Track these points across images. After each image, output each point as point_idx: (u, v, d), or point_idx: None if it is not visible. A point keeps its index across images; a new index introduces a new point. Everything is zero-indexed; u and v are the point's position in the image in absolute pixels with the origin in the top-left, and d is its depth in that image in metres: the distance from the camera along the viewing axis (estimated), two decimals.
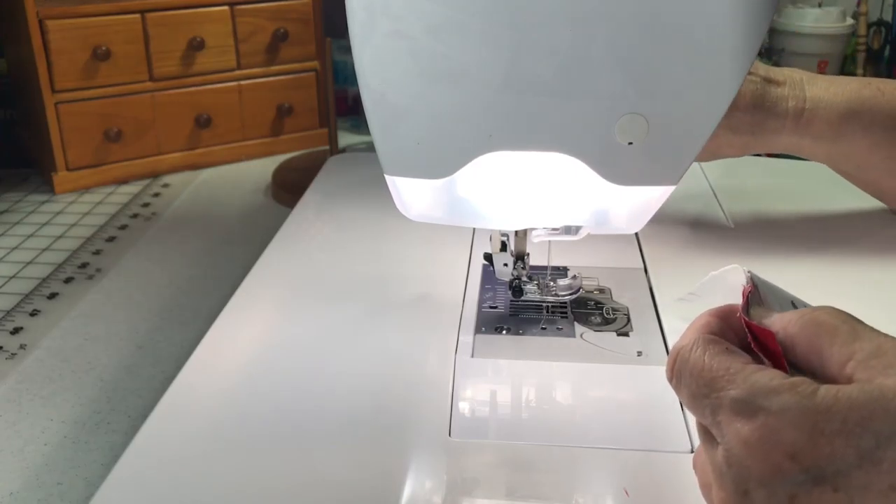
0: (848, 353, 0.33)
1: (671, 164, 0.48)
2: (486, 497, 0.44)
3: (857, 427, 0.31)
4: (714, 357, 0.36)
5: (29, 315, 1.08)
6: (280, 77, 1.72)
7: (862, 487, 0.31)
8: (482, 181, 0.50)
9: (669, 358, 0.38)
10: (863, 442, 0.31)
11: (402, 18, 0.44)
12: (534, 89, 0.45)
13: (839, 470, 0.31)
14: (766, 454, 0.32)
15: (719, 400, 0.34)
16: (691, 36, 0.43)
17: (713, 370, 0.35)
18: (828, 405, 0.32)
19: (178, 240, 1.32)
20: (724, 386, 0.34)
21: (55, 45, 1.48)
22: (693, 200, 0.80)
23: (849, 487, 0.31)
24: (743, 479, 0.33)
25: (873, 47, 1.55)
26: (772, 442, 0.32)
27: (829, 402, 0.32)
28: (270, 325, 0.62)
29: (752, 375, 0.34)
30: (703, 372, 0.35)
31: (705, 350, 0.36)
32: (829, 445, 0.31)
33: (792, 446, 0.32)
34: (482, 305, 0.63)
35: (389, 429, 0.49)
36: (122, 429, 0.82)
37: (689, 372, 0.36)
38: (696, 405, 0.36)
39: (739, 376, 0.34)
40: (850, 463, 0.31)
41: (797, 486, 0.32)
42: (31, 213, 1.46)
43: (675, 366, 0.37)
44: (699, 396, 0.36)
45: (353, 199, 0.85)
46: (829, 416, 0.31)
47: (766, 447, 0.32)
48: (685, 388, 0.37)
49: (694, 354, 0.36)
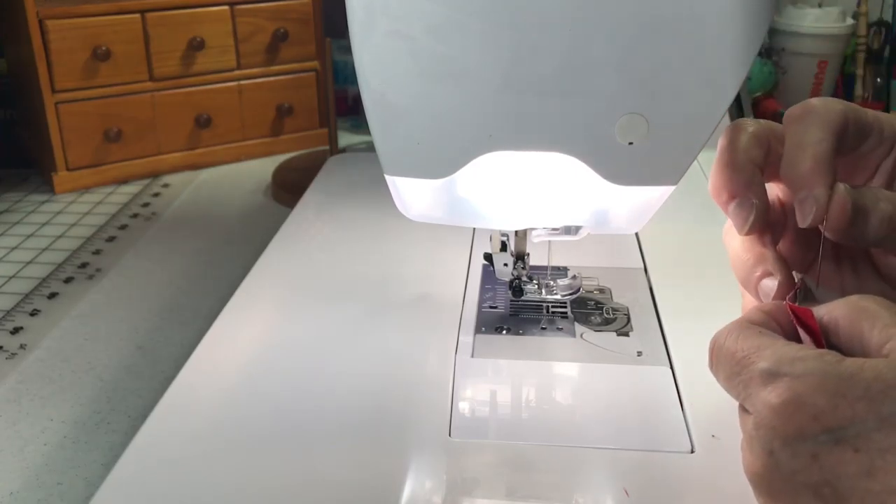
0: (887, 335, 0.34)
1: (671, 164, 0.48)
2: (486, 497, 0.44)
3: (880, 394, 0.32)
4: (747, 339, 0.37)
5: (29, 315, 1.08)
6: (280, 77, 1.72)
7: (882, 450, 0.32)
8: (482, 181, 0.50)
9: (709, 347, 0.40)
10: (884, 408, 0.32)
11: (402, 18, 0.44)
12: (534, 89, 0.45)
13: (860, 432, 0.32)
14: (790, 415, 0.34)
15: (749, 374, 0.36)
16: (691, 36, 0.43)
17: (745, 349, 0.37)
18: (851, 373, 0.33)
19: (178, 240, 1.32)
20: (753, 361, 0.36)
21: (55, 45, 1.48)
22: (693, 200, 0.80)
23: (869, 449, 0.32)
24: (769, 440, 0.34)
25: (873, 47, 1.55)
26: (795, 403, 0.33)
27: (854, 370, 0.33)
28: (270, 325, 0.62)
29: (781, 349, 0.36)
30: (736, 353, 0.37)
31: (739, 334, 0.38)
32: (851, 409, 0.32)
33: (814, 407, 0.33)
34: (482, 305, 0.63)
35: (389, 429, 0.49)
36: (122, 429, 0.82)
37: (724, 355, 0.38)
38: (730, 385, 0.38)
39: (768, 350, 0.36)
40: (870, 426, 0.32)
41: (819, 445, 0.33)
42: (31, 213, 1.46)
43: (713, 352, 0.39)
44: (733, 375, 0.37)
45: (353, 199, 0.85)
46: (852, 383, 0.33)
47: (790, 409, 0.34)
48: (721, 371, 0.38)
49: (729, 339, 0.38)
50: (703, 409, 0.50)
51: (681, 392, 0.52)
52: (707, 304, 0.62)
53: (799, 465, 0.34)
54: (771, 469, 0.35)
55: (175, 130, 1.64)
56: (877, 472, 0.32)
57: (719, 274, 0.53)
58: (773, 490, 0.35)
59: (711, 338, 0.40)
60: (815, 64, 1.50)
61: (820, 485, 0.33)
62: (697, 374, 0.54)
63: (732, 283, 0.46)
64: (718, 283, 0.63)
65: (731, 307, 0.48)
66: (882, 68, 1.56)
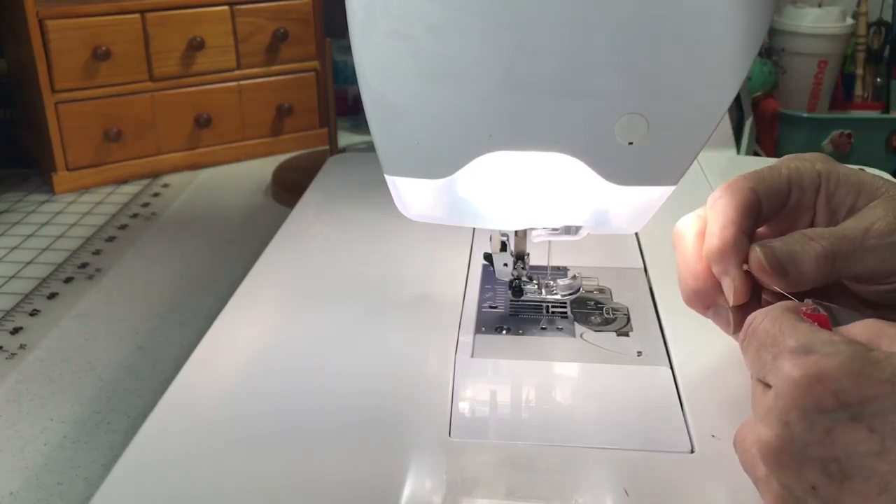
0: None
1: (671, 164, 0.48)
2: (486, 497, 0.44)
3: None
4: (785, 319, 0.38)
5: (29, 315, 1.08)
6: (280, 77, 1.72)
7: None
8: (482, 181, 0.50)
9: (746, 321, 0.40)
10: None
11: (402, 18, 0.44)
12: (534, 89, 0.45)
13: (877, 412, 0.33)
14: (811, 388, 0.34)
15: (780, 347, 0.37)
16: (691, 36, 0.43)
17: (783, 328, 0.37)
18: (878, 358, 0.34)
19: (178, 240, 1.32)
20: (788, 336, 0.37)
21: (55, 45, 1.48)
22: (693, 200, 0.80)
23: (884, 430, 0.33)
24: (786, 411, 0.35)
25: (873, 47, 1.55)
26: (818, 377, 0.34)
27: (881, 357, 0.34)
28: (270, 325, 0.62)
29: (816, 332, 0.36)
30: (773, 329, 0.38)
31: (779, 314, 0.39)
32: (874, 389, 0.33)
33: (837, 384, 0.34)
34: (482, 305, 0.63)
35: (389, 429, 0.49)
36: (122, 429, 0.82)
37: (760, 330, 0.39)
38: (757, 358, 0.38)
39: (803, 331, 0.37)
40: (889, 408, 0.33)
41: (834, 420, 0.34)
42: (31, 213, 1.45)
43: (750, 326, 0.40)
44: (765, 346, 0.38)
45: (353, 199, 0.85)
46: (878, 367, 0.33)
47: (812, 381, 0.34)
48: (752, 344, 0.39)
49: (769, 317, 0.39)
50: (703, 409, 0.50)
51: (681, 392, 0.52)
52: None
53: (812, 438, 0.34)
54: (784, 439, 0.35)
55: (175, 130, 1.64)
56: (887, 454, 0.32)
57: None
58: (781, 461, 0.35)
59: (750, 315, 0.41)
60: (815, 64, 1.50)
61: (828, 460, 0.34)
62: (697, 374, 0.54)
63: None
64: None
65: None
66: (882, 68, 1.56)
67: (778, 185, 0.46)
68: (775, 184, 0.46)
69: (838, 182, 0.46)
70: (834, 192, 0.46)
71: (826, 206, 0.46)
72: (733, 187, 0.46)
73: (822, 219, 0.46)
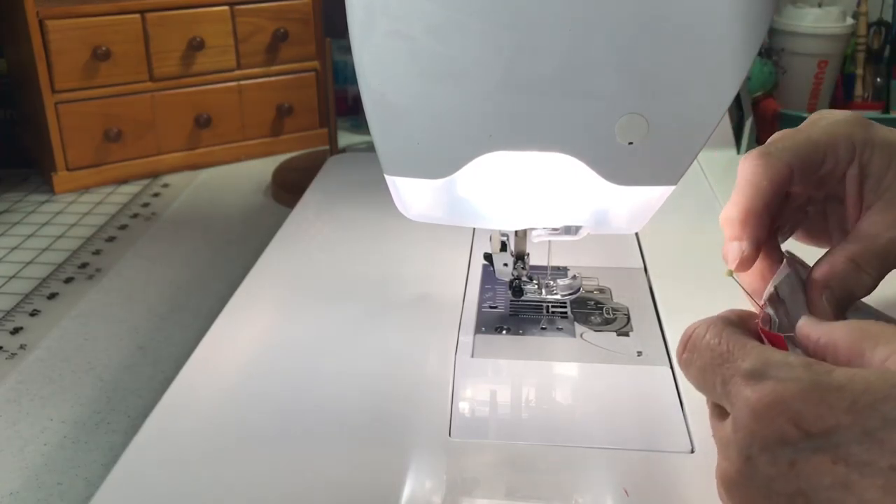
0: (888, 351, 0.34)
1: (671, 164, 0.48)
2: (486, 497, 0.44)
3: (867, 408, 0.31)
4: (731, 336, 0.37)
5: (29, 315, 1.08)
6: (280, 77, 1.72)
7: (861, 463, 0.31)
8: (482, 181, 0.50)
9: (683, 335, 0.39)
10: (869, 422, 0.31)
11: (402, 18, 0.44)
12: (534, 89, 0.45)
13: (840, 443, 0.31)
14: (772, 419, 0.33)
15: (731, 370, 0.35)
16: (691, 36, 0.43)
17: (729, 345, 0.36)
18: (840, 384, 0.32)
19: (178, 240, 1.32)
20: (738, 357, 0.35)
21: (55, 45, 1.48)
22: (693, 200, 0.80)
23: (848, 461, 0.31)
24: (747, 445, 0.34)
25: (873, 47, 1.55)
26: (778, 408, 0.33)
27: (843, 382, 0.32)
28: (270, 325, 0.62)
29: (768, 352, 0.35)
30: (719, 346, 0.36)
31: (723, 329, 0.37)
32: (834, 419, 0.32)
33: (797, 414, 0.32)
34: (482, 305, 0.63)
35: (389, 429, 0.49)
36: (122, 429, 0.82)
37: (705, 346, 0.37)
38: (706, 378, 0.37)
39: (754, 352, 0.35)
40: (851, 438, 0.31)
41: (797, 452, 0.32)
42: (31, 213, 1.45)
43: (688, 341, 0.38)
44: (711, 367, 0.36)
45: (353, 199, 0.85)
46: (840, 394, 0.32)
47: (772, 413, 0.33)
48: (697, 361, 0.37)
49: (711, 331, 0.37)
50: (703, 409, 0.50)
51: (681, 392, 0.52)
52: (707, 304, 0.62)
53: (776, 472, 0.33)
54: (747, 476, 0.34)
55: (175, 130, 1.64)
56: (853, 486, 0.31)
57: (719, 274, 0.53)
58: (746, 498, 0.34)
59: (686, 328, 0.39)
60: (815, 64, 1.50)
61: (795, 494, 0.32)
62: None
63: (732, 282, 0.46)
64: (718, 283, 0.63)
65: (730, 307, 0.47)
66: (882, 68, 1.56)
67: (813, 157, 0.45)
68: (811, 157, 0.45)
69: (873, 152, 0.45)
70: (868, 163, 0.45)
71: (857, 176, 0.45)
72: (772, 158, 0.45)
73: (851, 187, 0.45)
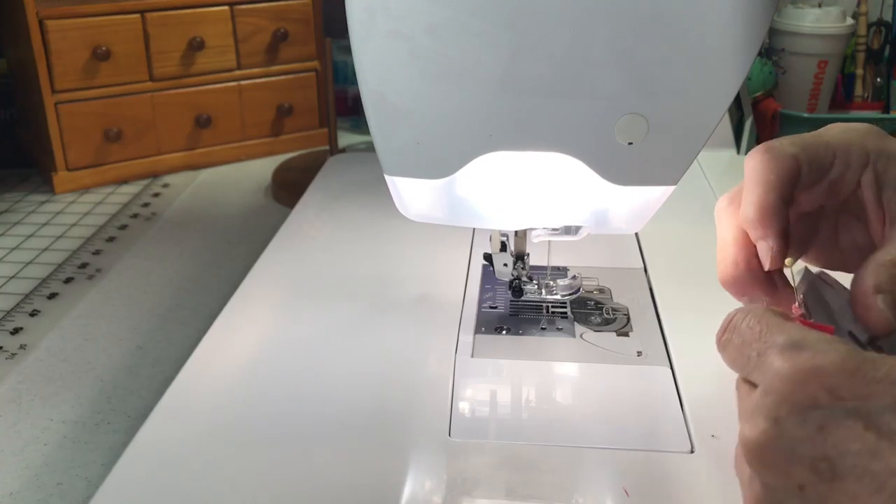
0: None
1: (671, 164, 0.48)
2: (486, 497, 0.44)
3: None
4: (772, 317, 0.37)
5: (29, 315, 1.08)
6: (280, 77, 1.72)
7: (893, 433, 0.31)
8: (482, 181, 0.50)
9: (724, 320, 0.39)
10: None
11: (402, 18, 0.44)
12: (534, 89, 0.45)
13: (873, 411, 0.32)
14: (805, 384, 0.33)
15: (768, 343, 0.36)
16: (691, 36, 0.43)
17: (770, 325, 0.36)
18: (874, 358, 0.33)
19: (178, 240, 1.32)
20: (776, 333, 0.36)
21: (55, 45, 1.48)
22: (693, 200, 0.80)
23: (880, 429, 0.32)
24: (776, 407, 0.34)
25: (873, 47, 1.55)
26: (812, 374, 0.33)
27: (876, 357, 0.33)
28: (270, 325, 0.62)
29: (806, 331, 0.35)
30: (759, 324, 0.37)
31: (763, 313, 0.38)
32: (869, 388, 0.32)
33: (832, 380, 0.33)
34: (482, 305, 0.63)
35: (389, 429, 0.49)
36: (122, 429, 0.82)
37: (746, 326, 0.37)
38: (739, 355, 0.37)
39: (793, 329, 0.36)
40: (885, 408, 0.32)
41: (828, 417, 0.33)
42: (31, 213, 1.45)
43: (729, 324, 0.39)
44: (748, 342, 0.37)
45: (353, 199, 0.85)
46: (874, 366, 0.33)
47: (806, 378, 0.33)
48: (736, 339, 0.38)
49: (752, 314, 0.38)
50: (703, 409, 0.50)
51: (681, 392, 0.52)
52: (707, 304, 0.62)
53: (803, 435, 0.33)
54: (772, 437, 0.34)
55: (175, 130, 1.64)
56: (882, 453, 0.31)
57: None
58: (767, 460, 0.34)
59: (728, 314, 0.39)
60: (815, 64, 1.50)
61: (819, 459, 0.33)
62: (697, 374, 0.54)
63: None
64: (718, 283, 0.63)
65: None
66: (882, 68, 1.56)
67: (822, 155, 0.44)
68: (819, 154, 0.44)
69: (889, 161, 0.44)
70: (884, 171, 0.44)
71: (873, 184, 0.44)
72: (775, 150, 0.44)
73: (868, 195, 0.44)
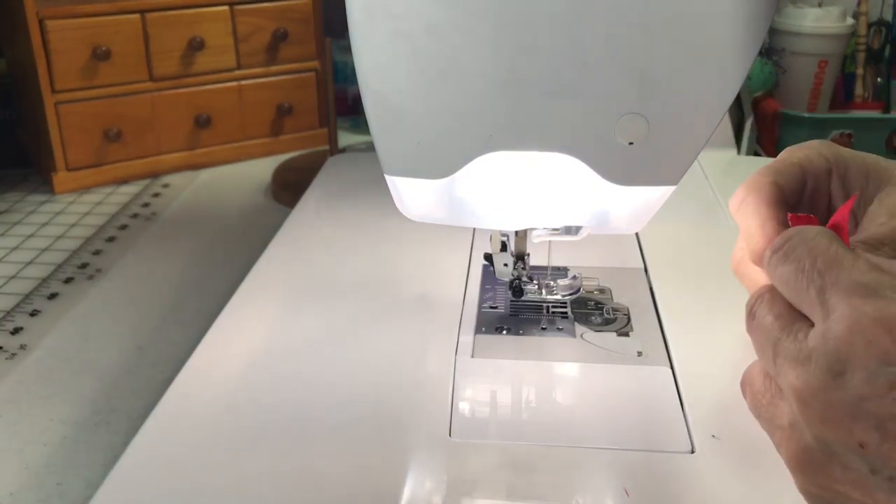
0: None
1: (671, 164, 0.48)
2: (486, 497, 0.44)
3: None
4: (841, 245, 0.34)
5: (29, 315, 1.08)
6: (280, 77, 1.72)
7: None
8: (482, 181, 0.50)
9: (783, 234, 0.36)
10: None
11: (402, 18, 0.44)
12: (534, 89, 0.45)
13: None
14: (878, 337, 0.31)
15: (836, 278, 0.33)
16: (691, 36, 0.43)
17: (838, 254, 0.34)
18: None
19: (178, 240, 1.32)
20: (848, 267, 0.33)
21: (55, 45, 1.48)
22: (693, 200, 0.80)
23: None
24: (841, 360, 0.31)
25: (873, 47, 1.55)
26: (888, 327, 0.30)
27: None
28: (270, 325, 0.62)
29: (881, 273, 0.32)
30: (827, 252, 0.34)
31: (834, 237, 0.35)
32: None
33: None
34: (482, 305, 0.63)
35: (389, 429, 0.49)
36: (122, 429, 0.82)
37: (813, 247, 0.34)
38: (798, 281, 0.34)
39: (866, 266, 0.33)
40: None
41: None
42: (31, 213, 1.45)
43: (790, 240, 0.36)
44: (812, 270, 0.34)
45: (353, 199, 0.85)
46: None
47: (881, 330, 0.31)
48: (795, 260, 0.35)
49: (822, 234, 0.35)
50: (703, 409, 0.50)
51: (681, 392, 0.52)
52: (707, 304, 0.62)
53: (871, 392, 0.31)
54: (833, 389, 0.31)
55: (175, 130, 1.64)
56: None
57: (719, 274, 0.53)
58: (827, 415, 0.32)
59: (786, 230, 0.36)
60: (815, 64, 1.50)
61: (887, 418, 0.30)
62: (697, 374, 0.54)
63: (732, 282, 0.46)
64: (718, 283, 0.63)
65: (731, 307, 0.48)
66: (882, 68, 1.56)
67: (794, 174, 0.44)
68: (792, 174, 0.44)
69: (847, 165, 0.44)
70: (845, 175, 0.43)
71: (841, 188, 0.43)
72: (755, 186, 0.43)
73: (839, 203, 0.44)
